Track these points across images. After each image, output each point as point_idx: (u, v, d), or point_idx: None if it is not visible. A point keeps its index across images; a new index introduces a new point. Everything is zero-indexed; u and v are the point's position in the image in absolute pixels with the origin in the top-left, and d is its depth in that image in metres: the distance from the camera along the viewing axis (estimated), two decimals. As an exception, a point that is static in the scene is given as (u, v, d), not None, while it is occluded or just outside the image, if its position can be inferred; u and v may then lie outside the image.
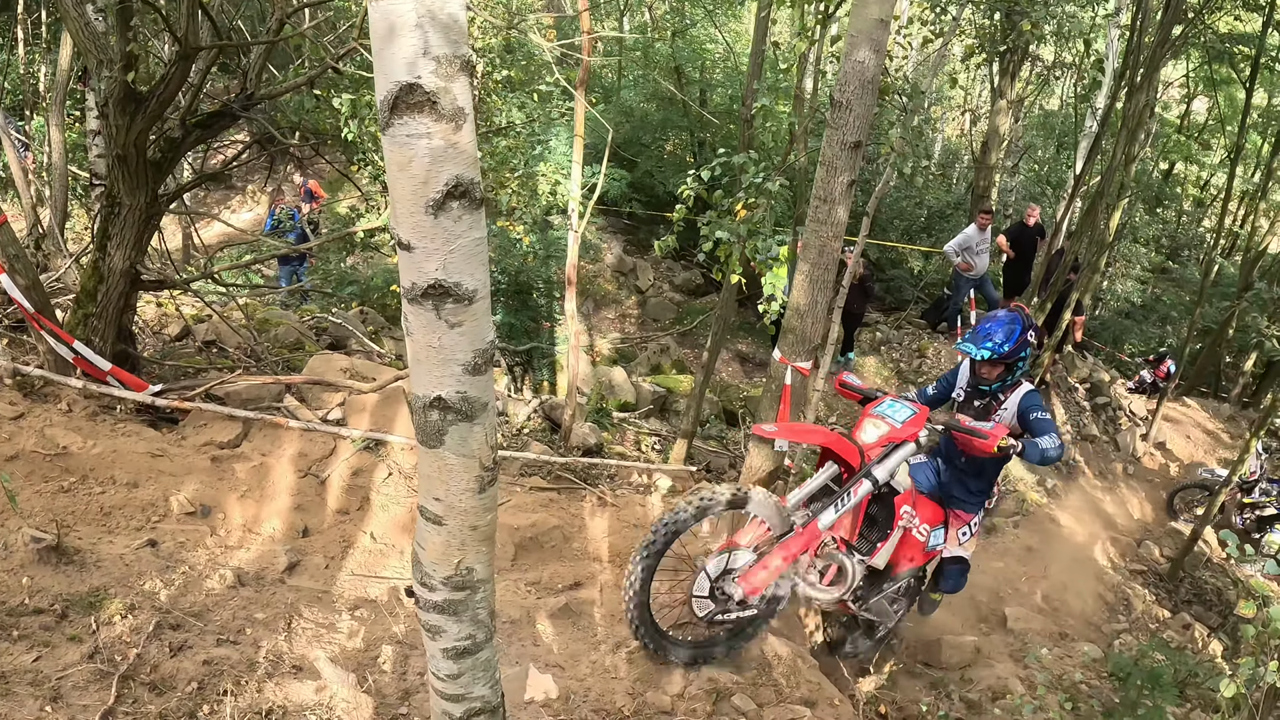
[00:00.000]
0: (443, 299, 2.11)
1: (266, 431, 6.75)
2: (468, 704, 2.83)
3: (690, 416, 9.01)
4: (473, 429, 2.28)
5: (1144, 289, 21.46)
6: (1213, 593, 10.70)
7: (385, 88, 1.94)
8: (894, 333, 15.53)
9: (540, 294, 12.72)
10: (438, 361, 2.19)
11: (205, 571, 5.15)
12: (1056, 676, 6.61)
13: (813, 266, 5.68)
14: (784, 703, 5.13)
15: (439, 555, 2.47)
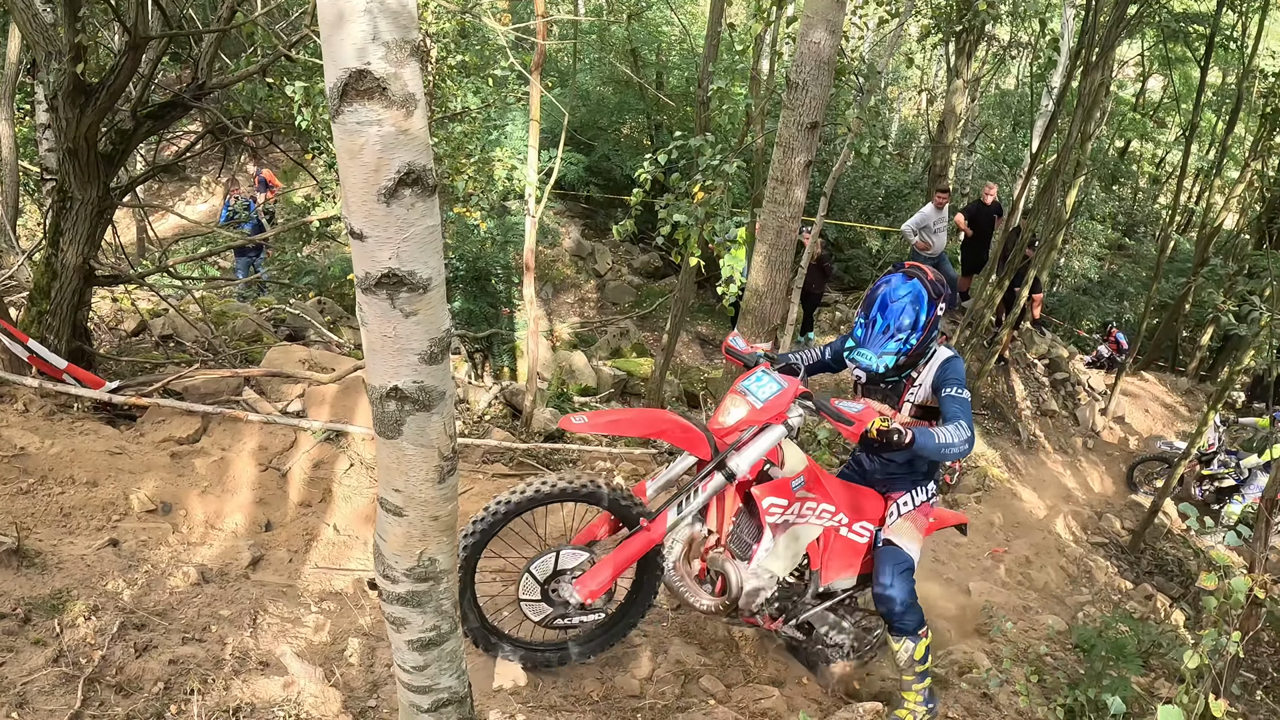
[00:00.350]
0: (397, 288, 2.09)
1: (226, 426, 6.69)
2: (435, 695, 2.82)
3: (651, 398, 9.01)
4: (431, 419, 2.26)
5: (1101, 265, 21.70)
6: (1174, 564, 10.87)
7: (335, 75, 1.91)
8: (853, 312, 15.59)
9: (499, 280, 12.66)
10: (393, 351, 2.16)
11: (168, 569, 5.09)
12: (1022, 649, 6.68)
13: (770, 248, 5.69)
14: (752, 683, 5.15)
15: (400, 547, 2.45)
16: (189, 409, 6.68)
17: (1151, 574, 10.53)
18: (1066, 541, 10.18)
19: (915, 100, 27.25)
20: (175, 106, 6.95)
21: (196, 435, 6.68)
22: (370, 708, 4.06)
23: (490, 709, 4.17)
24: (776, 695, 4.88)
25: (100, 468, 5.89)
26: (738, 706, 4.72)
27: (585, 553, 4.39)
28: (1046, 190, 11.97)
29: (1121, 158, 25.42)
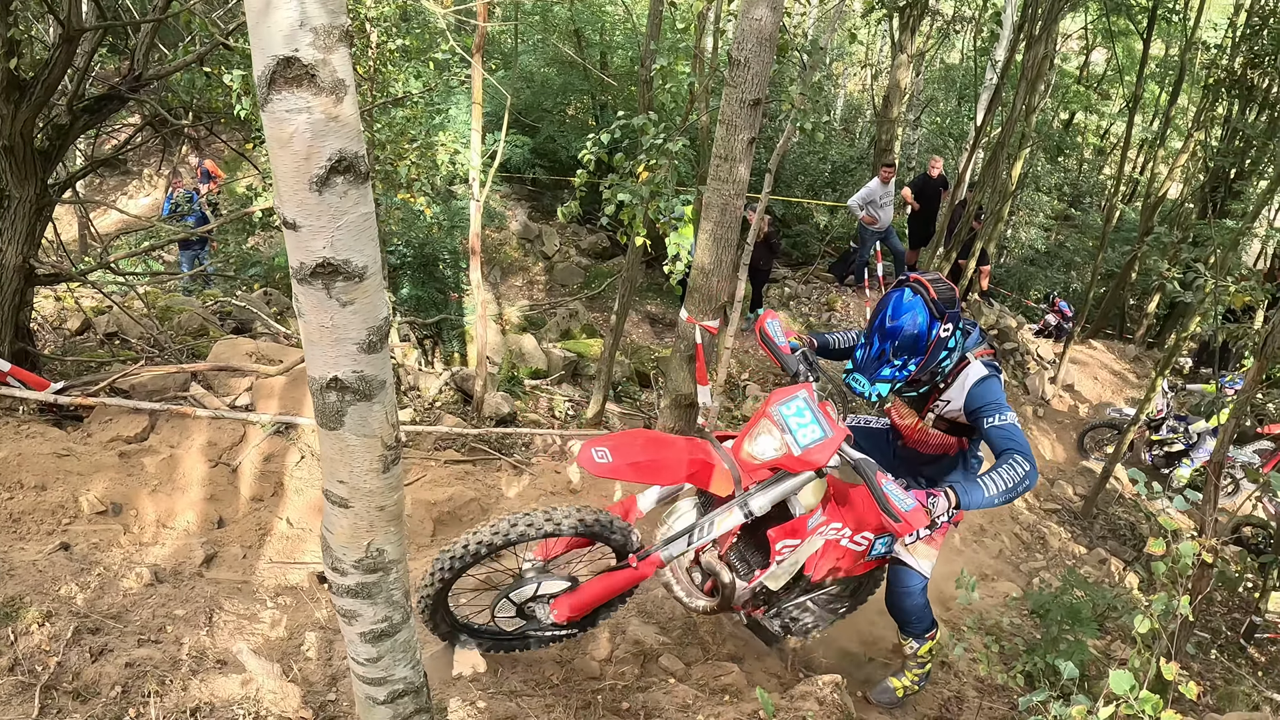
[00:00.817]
0: (332, 277, 2.06)
1: (174, 422, 6.61)
2: (390, 686, 2.81)
3: (602, 380, 9.01)
4: (372, 408, 2.24)
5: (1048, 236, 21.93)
6: (1126, 527, 11.04)
7: (263, 63, 1.88)
8: (802, 287, 15.71)
9: (447, 265, 12.59)
10: (332, 342, 2.14)
11: (121, 571, 5.04)
12: (979, 617, 6.76)
13: (715, 225, 5.69)
14: (711, 660, 5.19)
15: (348, 538, 2.44)
16: (136, 407, 6.59)
17: (1105, 538, 10.69)
18: (1020, 509, 10.31)
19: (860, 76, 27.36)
20: (112, 99, 6.83)
21: (144, 434, 6.60)
22: (330, 701, 4.04)
23: (450, 697, 4.17)
24: (736, 671, 4.91)
25: (48, 471, 5.80)
26: (698, 684, 4.75)
27: (566, 583, 4.27)
28: (992, 163, 12.08)
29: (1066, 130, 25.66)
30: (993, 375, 4.16)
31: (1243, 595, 8.99)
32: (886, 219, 14.28)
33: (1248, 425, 11.90)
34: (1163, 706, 2.76)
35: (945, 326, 3.97)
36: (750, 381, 13.15)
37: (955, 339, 4.08)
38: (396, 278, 11.88)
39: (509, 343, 12.45)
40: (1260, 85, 15.76)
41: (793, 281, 15.93)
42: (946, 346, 4.06)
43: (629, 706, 4.30)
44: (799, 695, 4.62)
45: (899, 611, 4.79)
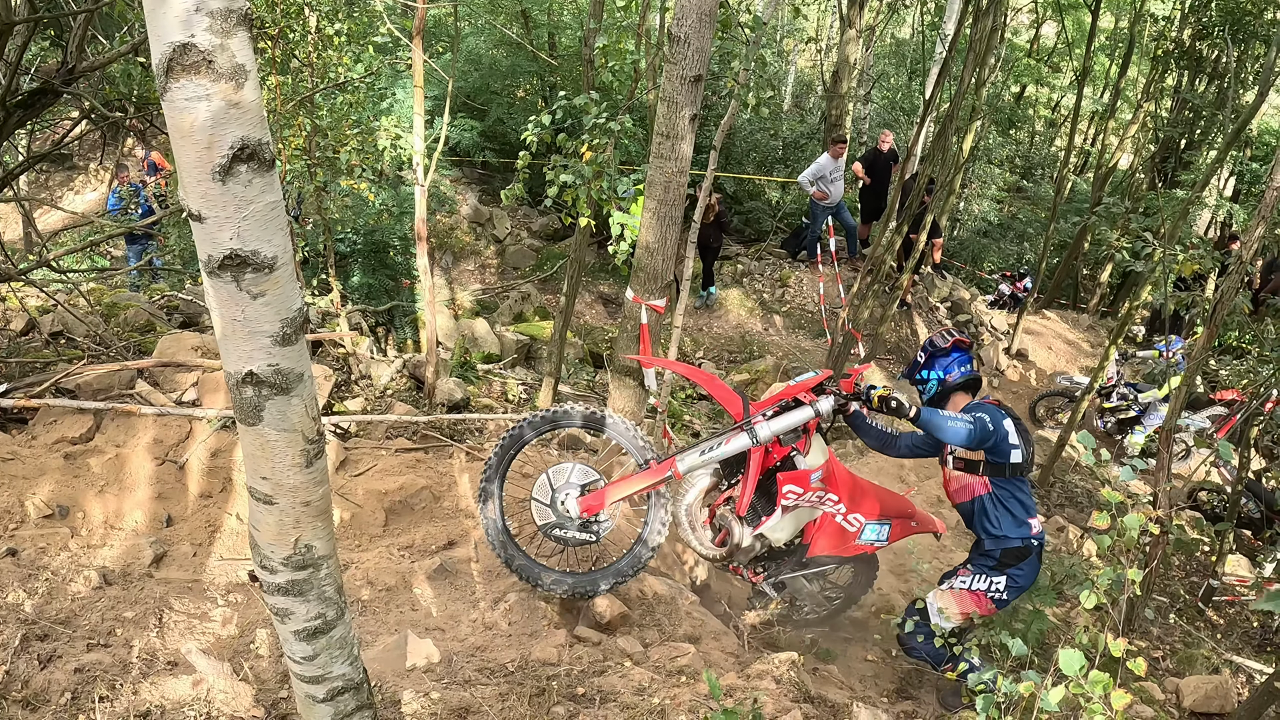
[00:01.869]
0: (241, 269, 2.01)
1: (120, 421, 6.50)
2: (329, 684, 2.77)
3: (553, 363, 8.96)
4: (290, 402, 2.20)
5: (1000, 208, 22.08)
6: (1083, 495, 11.14)
7: (160, 50, 1.83)
8: (755, 264, 15.72)
9: (397, 252, 12.45)
10: (245, 335, 2.09)
11: (69, 575, 4.98)
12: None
13: (659, 203, 5.66)
14: (668, 641, 5.18)
15: (275, 536, 2.39)
16: (80, 407, 6.47)
17: (1062, 506, 10.78)
18: (978, 478, 10.34)
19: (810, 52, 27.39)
20: (47, 94, 6.67)
21: (90, 433, 6.48)
22: (282, 699, 4.00)
23: (404, 688, 4.13)
24: (693, 652, 4.91)
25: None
26: (654, 666, 4.74)
27: (597, 474, 5.00)
28: (942, 136, 12.10)
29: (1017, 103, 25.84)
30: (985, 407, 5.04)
31: (1200, 559, 9.11)
32: (838, 194, 14.30)
33: (1200, 392, 12.05)
34: (1113, 685, 2.77)
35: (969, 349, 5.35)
36: (705, 360, 13.17)
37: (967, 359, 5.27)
38: (346, 265, 11.76)
39: (461, 328, 12.37)
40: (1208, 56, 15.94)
41: (745, 258, 15.94)
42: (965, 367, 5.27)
43: (584, 691, 4.28)
44: (756, 674, 4.63)
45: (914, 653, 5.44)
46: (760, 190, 18.88)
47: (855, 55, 17.30)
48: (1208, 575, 8.64)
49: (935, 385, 5.27)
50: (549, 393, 8.94)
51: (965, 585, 5.20)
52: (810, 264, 15.21)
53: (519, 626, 5.08)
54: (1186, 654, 7.20)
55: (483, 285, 15.34)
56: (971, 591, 5.18)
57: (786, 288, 15.05)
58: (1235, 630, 8.25)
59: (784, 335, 14.11)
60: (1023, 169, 25.08)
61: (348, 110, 9.42)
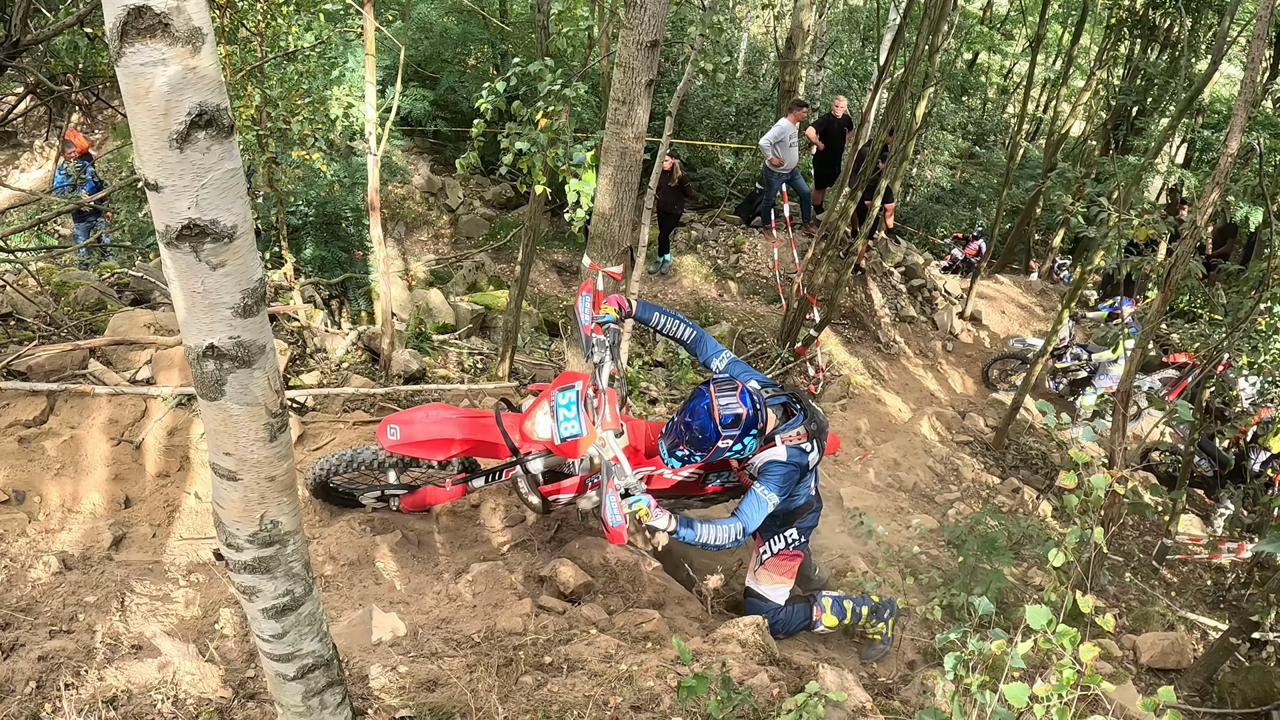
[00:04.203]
0: (200, 239, 1.97)
1: (73, 402, 6.38)
2: (299, 661, 2.74)
3: (508, 332, 8.92)
4: (253, 375, 2.16)
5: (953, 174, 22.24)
6: (1038, 457, 11.30)
7: (114, 13, 1.77)
8: (709, 230, 15.70)
9: (349, 223, 12.23)
10: (205, 307, 2.05)
11: (28, 561, 4.94)
12: (896, 550, 6.88)
13: (615, 170, 5.63)
14: (633, 607, 5.21)
15: (240, 512, 2.36)
16: (32, 389, 6.35)
17: (1017, 468, 10.93)
18: (933, 442, 10.48)
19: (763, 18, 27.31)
20: (-12, 67, 6.50)
21: (44, 416, 6.36)
22: (249, 678, 3.98)
23: (371, 663, 4.13)
24: (657, 618, 4.95)
25: (-55, 463, 5.60)
26: (620, 633, 4.77)
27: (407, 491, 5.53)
28: (896, 102, 12.13)
29: (970, 69, 25.96)
30: (786, 462, 4.82)
31: (1153, 519, 9.27)
32: (793, 160, 14.31)
33: (1153, 354, 12.23)
34: (1080, 639, 2.81)
35: (724, 439, 4.62)
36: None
37: (740, 446, 4.70)
38: (299, 238, 11.56)
39: (416, 298, 12.27)
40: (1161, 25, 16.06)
41: (699, 224, 15.93)
42: (727, 451, 4.70)
43: (552, 660, 4.30)
44: (721, 639, 4.66)
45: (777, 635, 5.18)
46: (714, 156, 18.86)
47: (809, 21, 17.26)
48: (1161, 535, 8.82)
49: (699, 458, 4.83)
50: (506, 363, 8.91)
51: (767, 554, 5.30)
52: (765, 230, 15.22)
53: (483, 597, 5.09)
54: (1142, 611, 7.34)
55: (436, 255, 15.20)
56: (776, 555, 5.29)
57: (741, 254, 15.07)
58: (1189, 588, 8.43)
59: (739, 301, 14.15)
60: (975, 135, 25.25)
61: (298, 80, 9.26)
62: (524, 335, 11.80)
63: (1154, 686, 5.65)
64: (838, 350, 12.93)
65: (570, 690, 3.95)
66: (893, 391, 12.37)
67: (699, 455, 4.71)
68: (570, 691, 3.93)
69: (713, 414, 4.58)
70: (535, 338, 12.47)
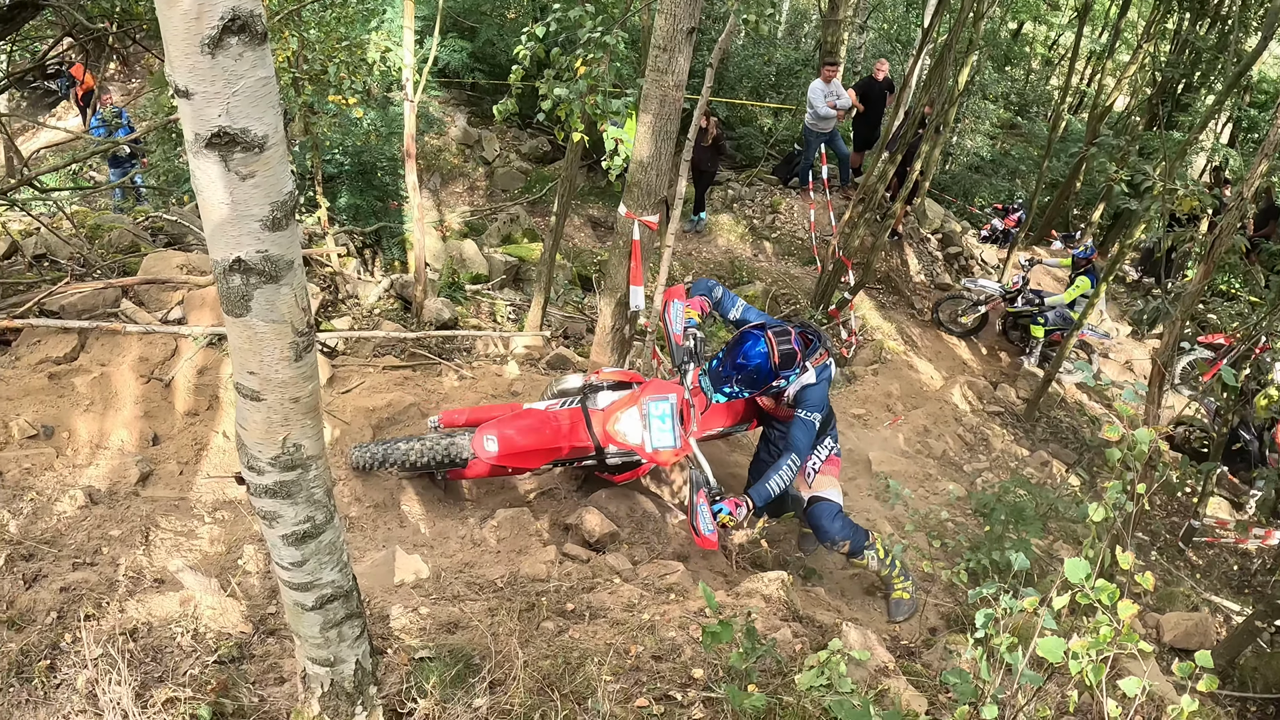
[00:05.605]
0: (230, 148, 1.91)
1: (104, 340, 6.41)
2: (318, 591, 2.71)
3: (542, 283, 8.88)
4: (280, 291, 2.11)
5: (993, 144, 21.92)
6: (1068, 430, 11.20)
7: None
8: (746, 190, 15.56)
9: (385, 173, 12.22)
10: (233, 220, 2.00)
11: (55, 495, 4.94)
12: (923, 516, 6.81)
13: (654, 117, 5.56)
14: (657, 559, 5.19)
15: (262, 434, 2.31)
16: (64, 326, 6.37)
17: (1047, 441, 10.83)
18: (963, 411, 10.39)
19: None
20: (25, 7, 6.49)
21: (74, 353, 6.39)
22: (270, 614, 3.98)
23: (392, 603, 4.12)
24: (682, 570, 4.92)
25: (-25, 398, 5.61)
26: (643, 583, 4.75)
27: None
28: (939, 67, 11.94)
29: (1014, 39, 25.55)
30: (818, 383, 5.20)
31: (1181, 500, 9.17)
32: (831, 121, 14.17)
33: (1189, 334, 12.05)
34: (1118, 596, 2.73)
35: (779, 379, 5.05)
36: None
37: (787, 381, 5.11)
38: (334, 187, 11.56)
39: (449, 249, 12.27)
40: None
41: (737, 184, 15.79)
42: (777, 387, 5.11)
43: (574, 607, 4.28)
44: (745, 592, 4.63)
45: (829, 538, 5.42)
46: (753, 116, 18.64)
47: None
48: (1189, 516, 8.71)
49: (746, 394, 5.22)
50: (538, 313, 8.87)
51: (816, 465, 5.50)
52: (802, 191, 15.08)
53: (508, 543, 5.08)
54: (1166, 591, 7.26)
55: (471, 207, 15.14)
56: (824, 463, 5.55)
57: (777, 214, 14.94)
58: (1214, 571, 8.34)
59: (773, 262, 14.05)
60: (1017, 106, 24.85)
61: (336, 25, 9.19)
62: (557, 288, 11.79)
63: (1175, 667, 5.60)
64: (871, 315, 12.83)
65: (591, 637, 3.92)
66: (925, 358, 12.26)
67: (749, 392, 5.08)
68: (591, 639, 3.90)
69: (771, 356, 4.93)
70: (569, 290, 12.45)
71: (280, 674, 3.55)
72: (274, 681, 3.52)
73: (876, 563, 5.56)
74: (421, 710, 3.28)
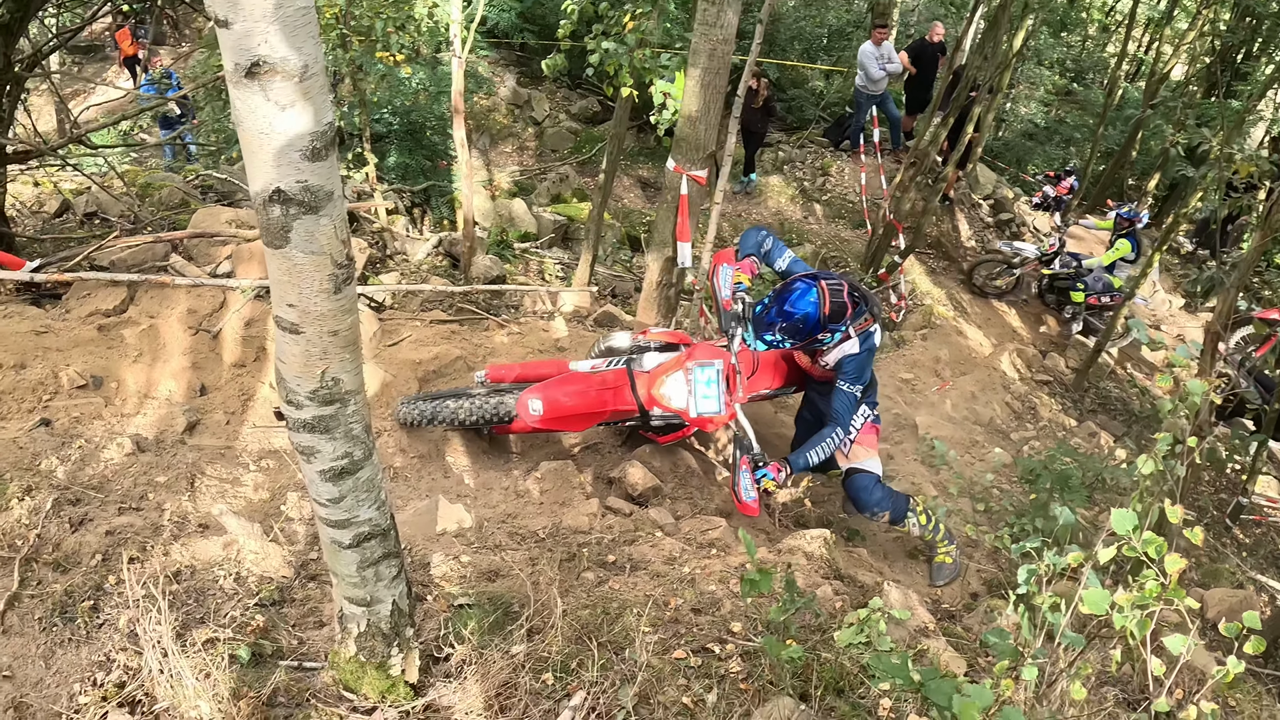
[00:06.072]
0: (270, 77, 1.89)
1: (153, 293, 6.49)
2: (355, 529, 2.71)
3: (590, 240, 8.86)
4: (319, 222, 2.09)
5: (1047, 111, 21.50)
6: (1117, 402, 11.03)
7: None
8: (797, 151, 15.45)
9: (434, 132, 12.28)
10: (272, 150, 1.98)
11: (102, 443, 4.98)
12: (969, 481, 6.75)
13: (703, 71, 5.50)
14: (700, 514, 5.18)
15: (301, 367, 2.31)
16: (113, 279, 6.46)
17: (1095, 412, 10.68)
18: (1012, 378, 10.26)
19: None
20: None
21: (124, 306, 6.48)
22: (312, 559, 4.02)
23: (434, 551, 4.15)
24: (724, 526, 4.91)
25: (27, 349, 5.69)
26: (685, 538, 4.75)
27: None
28: (993, 29, 11.72)
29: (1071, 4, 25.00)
30: (860, 352, 5.07)
31: (1229, 476, 9.01)
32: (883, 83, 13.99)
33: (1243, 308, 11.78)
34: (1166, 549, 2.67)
35: (825, 332, 4.90)
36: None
37: (831, 338, 4.98)
38: (383, 147, 11.61)
39: (498, 208, 12.31)
40: (1275, -36, 15.28)
41: (787, 146, 15.67)
42: (821, 341, 4.98)
43: (615, 559, 4.28)
44: (787, 550, 4.61)
45: (868, 509, 5.34)
46: (804, 78, 18.44)
47: (906, -58, 16.74)
48: (1237, 493, 8.54)
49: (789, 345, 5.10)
50: (586, 271, 8.86)
51: (854, 434, 5.33)
52: (852, 154, 14.93)
53: (551, 495, 5.09)
54: (1211, 568, 7.13)
55: (520, 167, 15.14)
56: (860, 431, 5.37)
57: (828, 177, 14.82)
58: (1261, 550, 8.19)
59: (823, 224, 13.95)
60: (1073, 72, 24.33)
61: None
62: (606, 248, 11.78)
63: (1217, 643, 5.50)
64: (921, 279, 12.70)
65: (631, 589, 3.92)
66: (974, 325, 12.11)
67: (791, 343, 4.96)
68: (631, 590, 3.91)
69: (822, 307, 4.80)
70: (617, 251, 12.45)
71: (320, 618, 3.59)
72: (314, 625, 3.56)
73: (918, 529, 5.48)
74: (458, 655, 3.29)
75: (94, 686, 2.99)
